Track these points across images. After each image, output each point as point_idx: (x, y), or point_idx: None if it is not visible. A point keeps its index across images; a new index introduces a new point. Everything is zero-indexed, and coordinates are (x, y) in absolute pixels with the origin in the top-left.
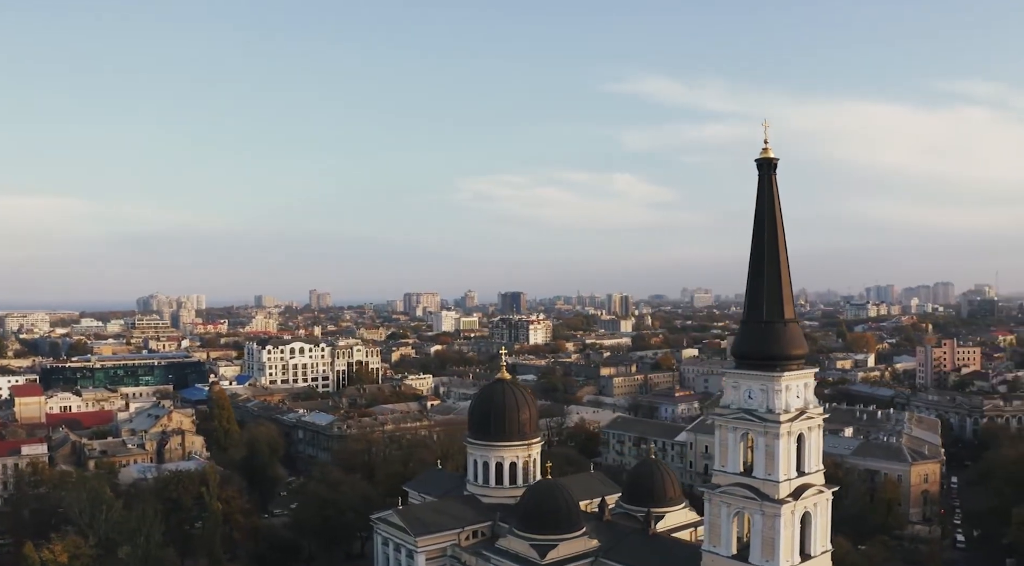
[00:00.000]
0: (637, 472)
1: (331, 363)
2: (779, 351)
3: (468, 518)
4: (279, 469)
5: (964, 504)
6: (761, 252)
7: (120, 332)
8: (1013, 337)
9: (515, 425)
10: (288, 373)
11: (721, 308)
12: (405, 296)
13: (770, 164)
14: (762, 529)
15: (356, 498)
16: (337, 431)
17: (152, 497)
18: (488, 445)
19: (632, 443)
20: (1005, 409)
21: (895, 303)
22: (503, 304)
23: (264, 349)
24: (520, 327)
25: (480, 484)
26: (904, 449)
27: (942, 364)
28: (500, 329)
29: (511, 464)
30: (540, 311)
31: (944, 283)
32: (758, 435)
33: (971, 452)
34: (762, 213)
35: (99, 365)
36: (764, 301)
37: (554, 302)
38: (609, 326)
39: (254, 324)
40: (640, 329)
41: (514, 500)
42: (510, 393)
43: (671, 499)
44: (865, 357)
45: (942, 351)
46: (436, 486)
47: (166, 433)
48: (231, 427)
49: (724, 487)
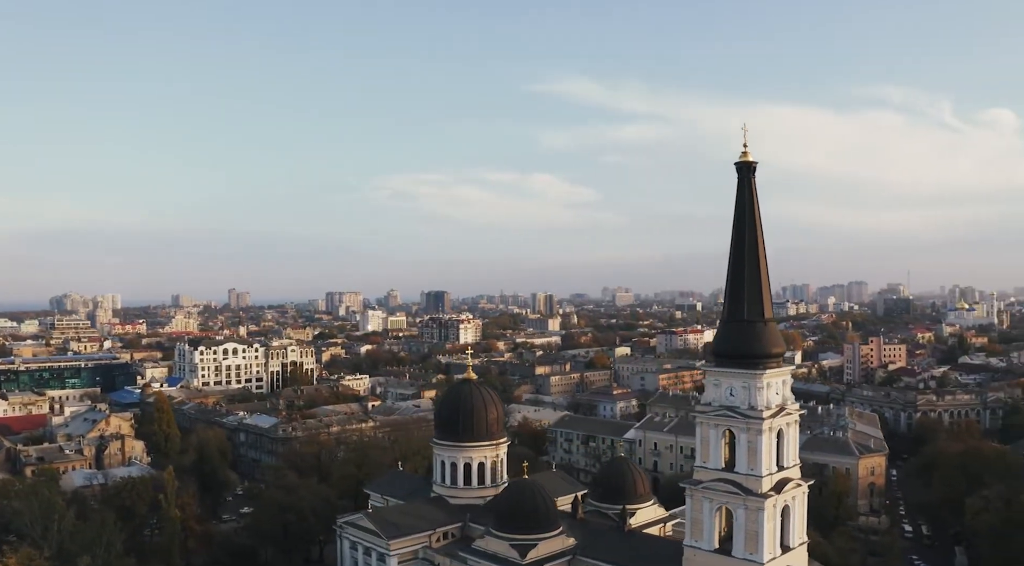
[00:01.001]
0: (607, 470)
1: (265, 364)
2: (760, 349)
3: (439, 520)
4: (230, 474)
5: (905, 496)
6: (741, 253)
7: (38, 333)
8: (931, 334)
9: (483, 425)
10: (221, 374)
11: (643, 307)
12: (327, 295)
13: (749, 167)
14: (745, 523)
15: (316, 502)
16: (282, 433)
17: (103, 505)
18: (456, 446)
19: (580, 441)
20: (938, 404)
21: (811, 302)
22: (427, 303)
23: (196, 350)
24: (450, 326)
25: (448, 485)
26: (851, 443)
27: (869, 361)
28: (430, 328)
29: (479, 465)
30: (464, 310)
31: (858, 282)
32: (740, 431)
33: (907, 446)
34: (742, 215)
35: (23, 368)
36: (745, 301)
37: (477, 301)
38: (537, 325)
39: (174, 324)
40: (567, 328)
41: (483, 501)
42: (477, 393)
43: (641, 496)
44: (792, 354)
45: (869, 348)
46: (399, 488)
47: (105, 438)
48: (171, 431)
49: (706, 483)
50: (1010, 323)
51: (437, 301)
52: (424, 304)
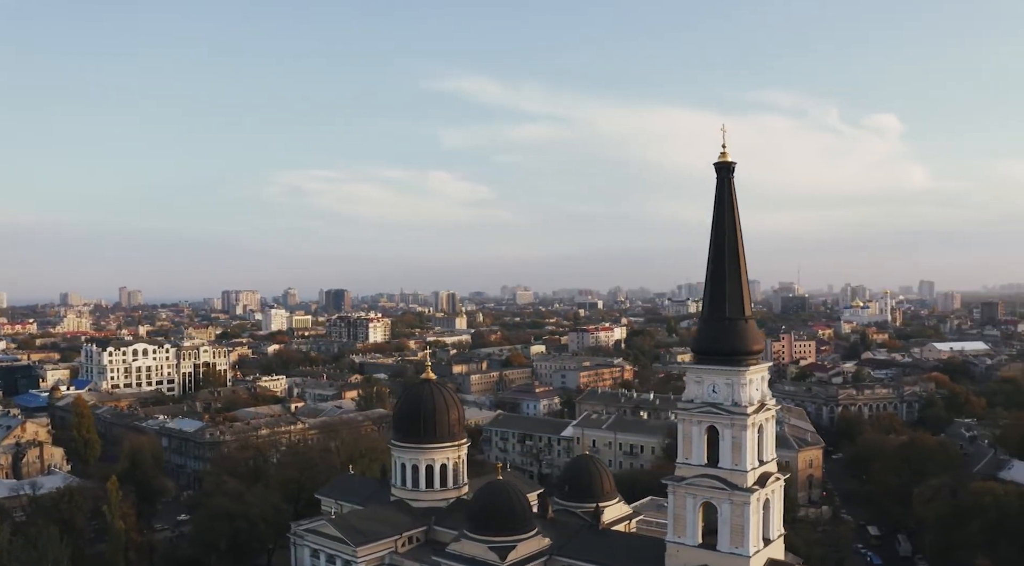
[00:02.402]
0: (574, 468)
1: (177, 365)
2: (743, 346)
3: (403, 524)
4: (166, 481)
5: (836, 487)
6: (722, 252)
7: None
8: (831, 331)
9: (446, 426)
10: (132, 376)
11: (544, 305)
12: (223, 294)
13: (728, 167)
14: (731, 517)
15: (265, 508)
16: (210, 438)
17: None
18: (418, 448)
19: (516, 440)
20: (858, 398)
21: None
22: (326, 302)
23: (105, 351)
24: (359, 325)
25: (409, 488)
26: (789, 437)
27: (781, 357)
28: (338, 327)
29: (442, 466)
30: (365, 309)
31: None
32: (725, 427)
33: (830, 439)
34: (721, 215)
35: None
36: (727, 299)
37: (378, 299)
38: (444, 324)
39: (66, 323)
40: (474, 326)
41: (446, 503)
42: (439, 393)
43: (608, 493)
44: None
45: (781, 345)
46: (354, 493)
47: (21, 445)
48: (91, 437)
49: (690, 479)
50: (903, 320)
51: (337, 300)
52: (324, 302)
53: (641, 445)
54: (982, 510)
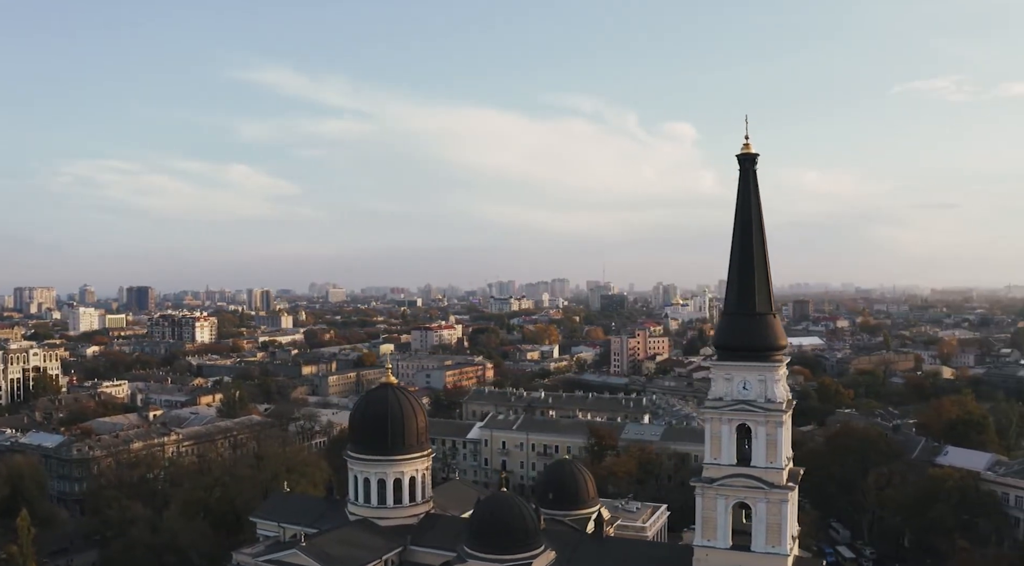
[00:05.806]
0: (557, 475)
1: (3, 371)
2: (773, 342)
3: (378, 546)
4: (56, 510)
5: None
6: (749, 245)
7: None
8: (661, 327)
9: (414, 435)
10: None
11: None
12: (15, 291)
13: (751, 159)
14: (767, 516)
15: (195, 537)
16: (78, 454)
17: None
18: (385, 460)
19: None
20: None
21: (518, 297)
22: (128, 299)
23: None
24: (184, 325)
25: (373, 505)
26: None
27: (636, 353)
28: (161, 327)
29: (411, 480)
30: (168, 307)
31: (560, 279)
32: (759, 425)
33: None
34: (747, 207)
35: None
36: (756, 293)
37: (182, 297)
38: (269, 322)
39: None
40: (299, 326)
41: (416, 520)
42: (404, 399)
43: (593, 499)
44: (551, 348)
45: (636, 341)
46: (299, 513)
47: None
48: None
49: (721, 479)
50: None
51: (140, 297)
52: (125, 301)
53: (556, 445)
54: (948, 494)
